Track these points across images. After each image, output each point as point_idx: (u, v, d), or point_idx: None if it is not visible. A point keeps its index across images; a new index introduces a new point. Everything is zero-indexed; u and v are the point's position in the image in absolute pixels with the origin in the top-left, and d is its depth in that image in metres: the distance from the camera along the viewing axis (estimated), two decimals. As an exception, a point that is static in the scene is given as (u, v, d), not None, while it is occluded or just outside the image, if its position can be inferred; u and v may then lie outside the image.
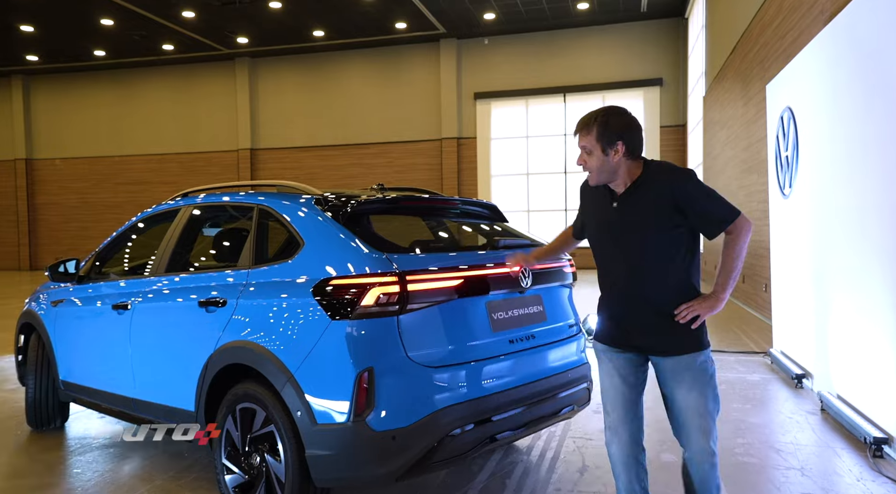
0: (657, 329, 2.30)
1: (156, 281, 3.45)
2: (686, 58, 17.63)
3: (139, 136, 22.56)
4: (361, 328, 2.51)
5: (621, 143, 2.27)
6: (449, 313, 2.69)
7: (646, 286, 2.31)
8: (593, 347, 2.56)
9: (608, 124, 2.28)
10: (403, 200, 3.18)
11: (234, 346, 2.85)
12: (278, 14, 17.56)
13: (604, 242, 2.42)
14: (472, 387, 2.64)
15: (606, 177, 2.33)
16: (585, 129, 2.32)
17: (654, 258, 2.28)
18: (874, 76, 3.84)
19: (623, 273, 2.35)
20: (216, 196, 3.55)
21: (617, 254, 2.36)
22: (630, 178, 2.32)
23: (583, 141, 2.33)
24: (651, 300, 2.30)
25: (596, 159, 2.31)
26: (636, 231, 2.29)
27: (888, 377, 3.50)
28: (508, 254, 2.91)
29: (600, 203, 2.43)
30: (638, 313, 2.34)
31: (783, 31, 7.53)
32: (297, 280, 2.74)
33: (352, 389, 2.45)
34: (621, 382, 2.41)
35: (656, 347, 2.32)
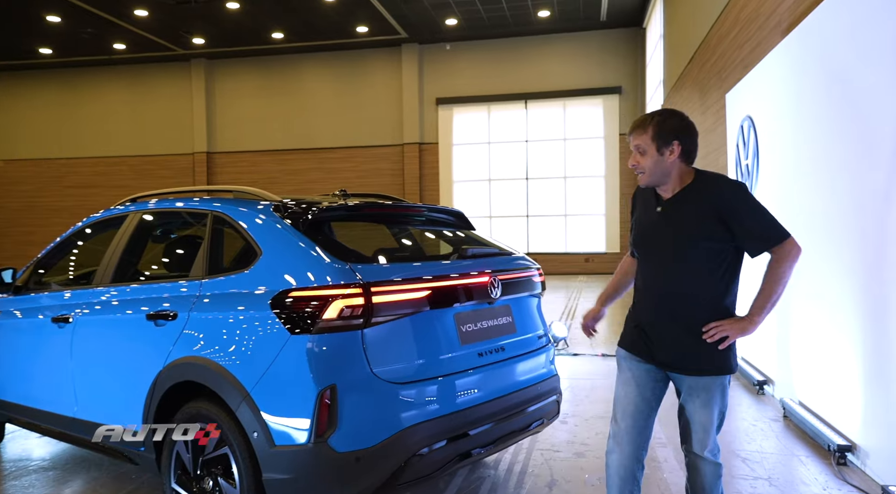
0: (683, 345, 2.26)
1: (101, 292, 3.23)
2: (644, 67, 17.94)
3: (88, 138, 21.72)
4: (323, 343, 2.37)
5: (677, 143, 2.24)
6: (415, 326, 2.57)
7: (678, 298, 2.26)
8: (616, 353, 2.49)
9: (664, 124, 2.25)
10: (367, 207, 3.05)
11: (185, 362, 2.67)
12: (236, 15, 17.15)
13: (645, 247, 2.39)
14: (440, 404, 2.52)
15: (658, 179, 2.29)
16: (640, 129, 2.28)
17: (691, 269, 2.23)
18: (836, 84, 3.89)
19: (657, 280, 2.32)
20: (168, 201, 3.35)
21: (654, 260, 2.33)
22: (680, 184, 2.28)
23: (637, 140, 2.28)
24: (681, 313, 2.25)
25: (650, 159, 2.26)
26: (678, 238, 2.25)
27: (851, 385, 3.53)
28: (586, 320, 2.71)
29: (647, 207, 2.40)
30: (666, 325, 2.29)
31: (740, 42, 7.67)
32: (254, 291, 2.58)
33: (313, 408, 2.31)
34: (637, 393, 2.37)
35: (678, 363, 2.29)
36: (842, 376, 3.66)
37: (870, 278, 3.35)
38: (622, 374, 2.43)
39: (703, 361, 2.24)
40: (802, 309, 4.29)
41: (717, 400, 2.28)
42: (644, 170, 2.29)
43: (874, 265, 3.29)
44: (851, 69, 3.70)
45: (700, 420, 2.29)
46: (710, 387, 2.26)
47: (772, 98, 5.03)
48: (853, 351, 3.50)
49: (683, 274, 2.25)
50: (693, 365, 2.26)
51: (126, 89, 21.44)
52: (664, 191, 2.32)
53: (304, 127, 20.29)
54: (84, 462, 3.86)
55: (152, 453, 2.83)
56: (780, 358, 4.77)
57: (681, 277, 2.25)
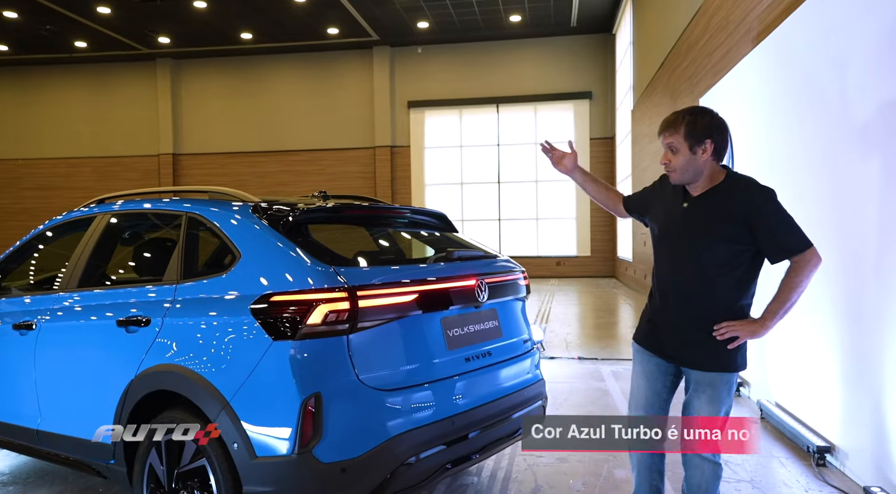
0: (692, 339, 2.29)
1: (66, 297, 3.07)
2: (614, 72, 18.16)
3: (48, 138, 21.05)
4: (307, 349, 2.27)
5: (710, 142, 2.25)
6: (402, 331, 2.49)
7: (694, 295, 2.28)
8: (631, 346, 2.56)
9: (697, 122, 2.26)
10: (348, 209, 2.97)
11: (159, 371, 2.54)
12: (203, 14, 16.83)
13: (665, 240, 2.39)
14: (427, 411, 2.45)
15: (690, 177, 2.29)
16: (672, 127, 2.29)
17: (710, 268, 2.24)
18: (808, 87, 3.95)
19: (675, 276, 2.33)
20: (138, 203, 3.21)
21: (674, 255, 2.34)
22: (710, 183, 2.30)
23: (669, 138, 2.29)
24: (693, 308, 2.28)
25: (682, 157, 2.27)
26: (699, 235, 2.26)
27: (828, 386, 3.56)
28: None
29: (672, 200, 2.39)
30: (677, 319, 2.32)
31: (711, 49, 7.79)
32: (233, 295, 2.47)
33: (296, 417, 2.21)
34: (648, 387, 2.44)
35: (686, 357, 2.32)
36: (819, 377, 3.70)
37: (847, 278, 3.39)
38: (636, 367, 2.50)
39: (710, 357, 2.27)
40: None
41: (724, 397, 2.29)
42: (675, 169, 2.29)
43: (851, 265, 3.33)
44: (823, 73, 3.76)
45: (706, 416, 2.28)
46: (717, 384, 2.28)
47: (746, 102, 5.09)
48: (830, 352, 3.54)
49: (699, 271, 2.26)
50: (701, 361, 2.28)
51: (88, 89, 20.85)
52: (694, 188, 2.34)
53: (273, 129, 20.00)
54: (47, 476, 3.68)
55: (123, 466, 2.69)
56: (756, 359, 4.81)
57: (696, 274, 2.26)
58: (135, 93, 20.59)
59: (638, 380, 2.48)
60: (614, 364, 6.58)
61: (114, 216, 3.20)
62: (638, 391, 2.47)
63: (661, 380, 2.42)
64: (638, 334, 2.52)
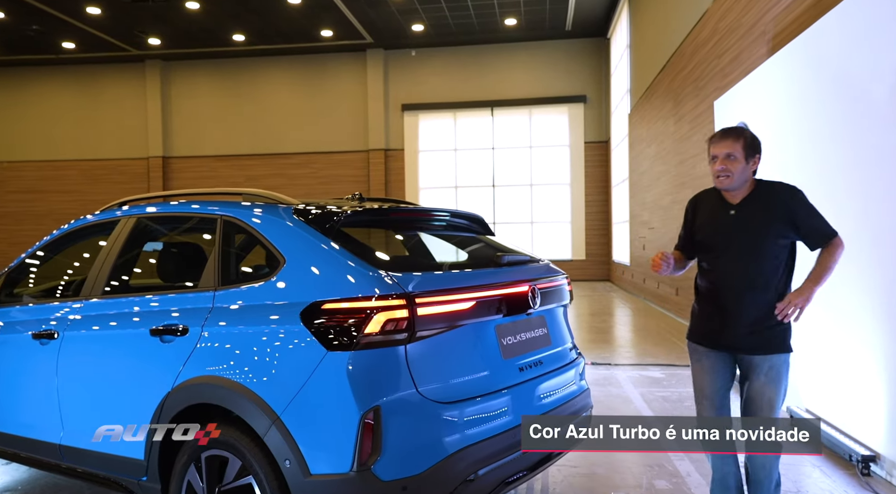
0: (756, 329, 2.57)
1: (92, 304, 2.91)
2: (609, 76, 18.18)
3: (33, 141, 20.62)
4: (365, 360, 2.15)
5: (759, 157, 2.65)
6: (459, 340, 2.37)
7: (753, 287, 2.57)
8: (688, 346, 2.82)
9: (754, 138, 2.65)
10: (393, 212, 2.84)
11: (199, 383, 2.40)
12: (194, 15, 16.58)
13: (715, 245, 2.67)
14: (486, 424, 2.33)
15: (739, 184, 2.63)
16: (733, 138, 2.61)
17: (764, 262, 2.57)
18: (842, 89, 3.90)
19: (733, 274, 2.60)
20: (168, 205, 3.06)
21: (730, 256, 2.62)
22: (748, 190, 2.66)
23: (730, 148, 2.60)
24: (757, 300, 2.56)
25: (740, 165, 2.59)
26: (752, 235, 2.58)
27: (871, 394, 3.49)
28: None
29: (714, 211, 2.72)
30: (742, 313, 2.58)
31: (720, 51, 7.76)
32: (280, 303, 2.34)
33: (355, 432, 2.09)
34: (714, 379, 2.69)
35: (754, 346, 2.59)
36: (860, 385, 3.62)
37: (886, 283, 3.32)
38: (695, 364, 2.78)
39: (775, 341, 2.58)
40: (811, 318, 4.27)
41: (784, 376, 2.59)
42: (731, 174, 2.61)
43: (892, 271, 3.27)
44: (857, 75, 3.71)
45: (769, 397, 2.56)
46: (778, 365, 2.58)
47: (770, 104, 5.04)
48: (872, 360, 3.47)
49: (758, 267, 2.57)
50: (765, 345, 2.57)
51: (75, 90, 20.47)
52: (733, 196, 2.68)
53: (265, 132, 19.76)
54: (57, 489, 3.50)
55: (157, 482, 2.54)
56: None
57: (756, 269, 2.57)
58: (123, 94, 20.24)
59: (702, 376, 2.73)
60: (629, 369, 6.50)
61: (140, 219, 3.05)
62: (705, 386, 2.72)
63: (723, 373, 2.70)
64: (694, 334, 2.79)
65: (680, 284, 10.03)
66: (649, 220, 12.63)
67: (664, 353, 7.37)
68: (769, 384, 2.58)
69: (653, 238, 12.35)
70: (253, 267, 2.67)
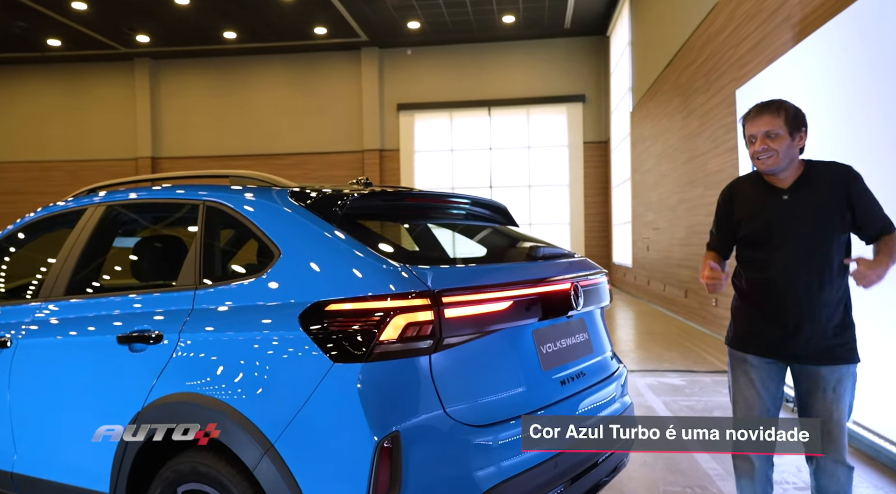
0: (824, 335, 2.19)
1: (50, 308, 2.47)
2: (608, 75, 17.84)
3: (17, 141, 20.05)
4: (381, 373, 1.73)
5: (805, 131, 2.25)
6: (493, 348, 1.96)
7: (814, 287, 2.18)
8: (730, 355, 2.39)
9: (798, 111, 2.25)
10: (408, 196, 2.43)
11: (175, 401, 1.97)
12: (185, 12, 16.12)
13: (768, 238, 2.26)
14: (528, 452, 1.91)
15: (785, 164, 2.23)
16: (773, 113, 2.22)
17: (828, 256, 2.18)
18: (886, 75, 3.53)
19: (788, 271, 2.21)
20: (142, 191, 2.63)
21: (782, 250, 2.22)
22: (797, 171, 2.27)
23: (768, 125, 2.21)
24: (815, 301, 2.18)
25: (784, 143, 2.21)
26: (812, 223, 2.20)
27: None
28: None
29: (761, 198, 2.30)
30: (798, 318, 2.20)
31: (737, 40, 7.40)
32: (274, 304, 1.92)
33: (369, 464, 1.66)
34: (762, 393, 2.28)
35: (811, 354, 2.20)
36: None
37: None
38: (741, 376, 2.34)
39: (845, 349, 2.20)
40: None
41: (851, 390, 2.23)
42: (775, 153, 2.22)
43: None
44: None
45: (837, 418, 2.18)
46: (844, 378, 2.20)
47: (802, 91, 4.66)
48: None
49: (824, 260, 2.19)
50: (829, 355, 2.20)
51: (62, 89, 19.94)
52: (781, 180, 2.28)
53: (257, 132, 19.30)
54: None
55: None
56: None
57: (822, 264, 2.19)
58: (111, 93, 19.73)
59: (749, 390, 2.31)
60: (646, 376, 6.10)
61: (111, 207, 2.61)
62: (754, 404, 2.29)
63: (775, 385, 2.30)
64: (738, 340, 2.37)
65: (689, 286, 9.65)
66: (654, 221, 12.25)
67: (680, 359, 6.98)
68: (837, 400, 2.19)
69: (658, 239, 11.98)
70: (242, 261, 2.25)
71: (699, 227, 8.89)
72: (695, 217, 9.27)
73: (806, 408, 2.26)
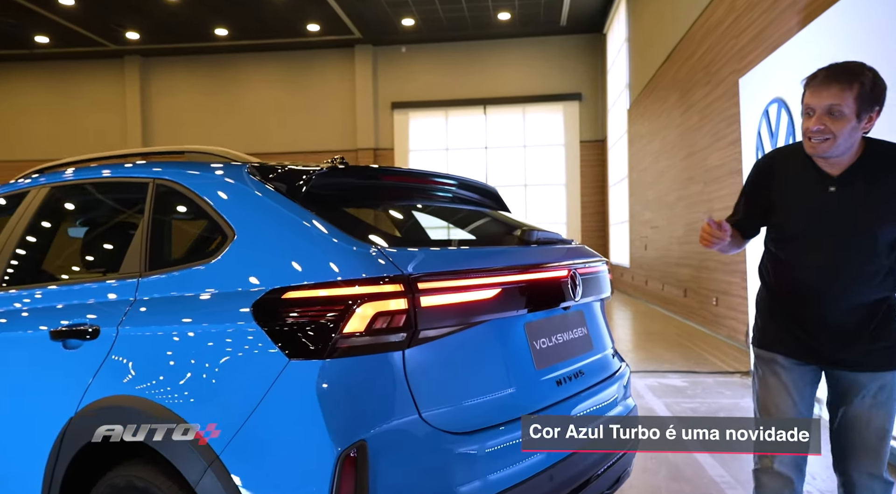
0: (861, 339, 1.94)
1: (-18, 299, 2.20)
2: (605, 73, 17.63)
3: (4, 140, 19.75)
4: (344, 372, 1.48)
5: (878, 111, 1.87)
6: (477, 343, 1.70)
7: (858, 289, 1.92)
8: (759, 356, 2.10)
9: (876, 82, 1.83)
10: (385, 174, 2.16)
11: (112, 405, 1.71)
12: (174, 8, 15.85)
13: (807, 232, 1.97)
14: (518, 463, 1.65)
15: (843, 151, 1.87)
16: (846, 84, 1.80)
17: (876, 256, 1.90)
18: None
19: (829, 271, 1.93)
20: (87, 171, 2.36)
21: (824, 248, 1.94)
22: (855, 156, 1.91)
23: (834, 98, 1.81)
24: (860, 305, 1.93)
25: (848, 125, 1.82)
26: (861, 221, 1.90)
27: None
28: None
29: (805, 186, 1.97)
30: (838, 319, 1.95)
31: (737, 31, 7.17)
32: (224, 292, 1.65)
33: (329, 480, 1.40)
34: (796, 400, 2.01)
35: (851, 360, 1.96)
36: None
37: None
38: (771, 380, 2.06)
39: (890, 353, 1.94)
40: None
41: (893, 400, 1.97)
42: (831, 137, 1.84)
43: None
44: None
45: (877, 428, 1.95)
46: (891, 384, 1.95)
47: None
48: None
49: (871, 262, 1.91)
50: (876, 361, 1.94)
51: (49, 87, 19.63)
52: (831, 165, 1.92)
53: (249, 131, 19.02)
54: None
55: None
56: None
57: (868, 265, 1.91)
58: (101, 92, 19.43)
59: (780, 395, 2.03)
60: (646, 377, 5.84)
61: (54, 189, 2.34)
62: (781, 406, 2.03)
63: (809, 390, 2.04)
64: (770, 340, 2.07)
65: (688, 285, 9.42)
66: (652, 219, 12.02)
67: (680, 359, 6.73)
68: (878, 408, 1.95)
69: (656, 237, 11.74)
70: (194, 245, 1.99)
71: (699, 225, 8.62)
72: (694, 214, 9.03)
73: (838, 413, 2.01)
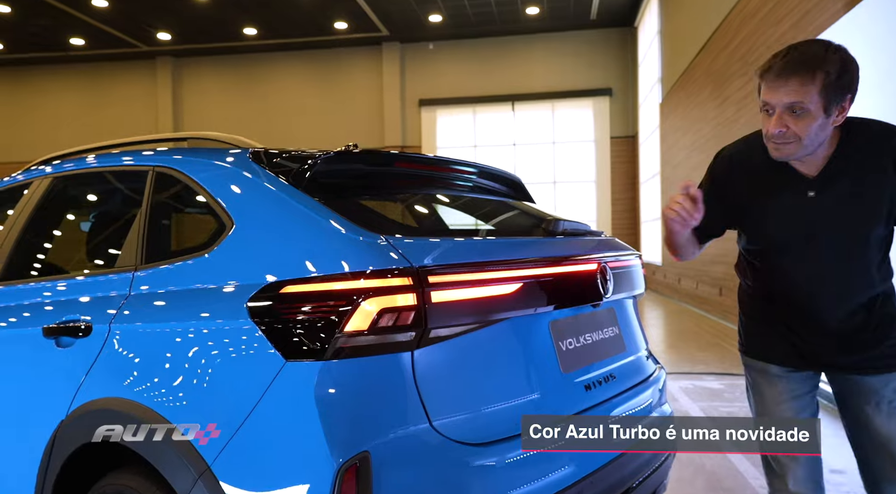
0: (865, 341, 1.74)
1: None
2: (636, 67, 17.24)
3: (41, 141, 20.15)
4: (345, 375, 1.33)
5: (850, 99, 1.56)
6: (497, 343, 1.53)
7: (852, 288, 1.71)
8: (748, 366, 1.92)
9: (844, 70, 1.52)
10: (399, 160, 2.01)
11: (102, 408, 1.59)
12: (204, 8, 15.99)
13: (784, 243, 1.73)
14: (541, 478, 1.48)
15: (812, 149, 1.59)
16: (807, 75, 1.50)
17: (859, 257, 1.69)
18: None
19: (818, 277, 1.71)
20: (87, 160, 2.26)
21: (812, 255, 1.70)
22: (830, 148, 1.63)
23: (794, 95, 1.51)
24: (858, 304, 1.72)
25: (813, 123, 1.53)
26: (853, 224, 1.65)
27: None
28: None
29: (777, 189, 1.69)
30: (839, 325, 1.75)
31: (776, 18, 6.85)
32: (220, 286, 1.52)
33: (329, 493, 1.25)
34: (798, 408, 1.81)
35: (864, 364, 1.75)
36: None
37: None
38: (769, 390, 1.85)
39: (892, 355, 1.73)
40: None
41: None
42: (795, 140, 1.56)
43: None
44: None
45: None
46: None
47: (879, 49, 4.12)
48: None
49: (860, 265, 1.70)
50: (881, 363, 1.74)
51: (84, 89, 20.01)
52: (807, 166, 1.65)
53: (279, 129, 19.12)
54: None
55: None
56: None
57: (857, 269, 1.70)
58: (134, 92, 19.73)
59: (780, 405, 1.83)
60: (681, 379, 5.60)
61: (57, 179, 2.24)
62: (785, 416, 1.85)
63: (809, 396, 1.85)
64: (763, 349, 1.86)
65: (724, 283, 9.08)
66: (686, 216, 11.66)
67: (715, 360, 6.45)
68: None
69: (690, 235, 11.39)
70: (193, 236, 1.86)
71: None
72: (731, 210, 8.69)
73: (853, 425, 1.80)
